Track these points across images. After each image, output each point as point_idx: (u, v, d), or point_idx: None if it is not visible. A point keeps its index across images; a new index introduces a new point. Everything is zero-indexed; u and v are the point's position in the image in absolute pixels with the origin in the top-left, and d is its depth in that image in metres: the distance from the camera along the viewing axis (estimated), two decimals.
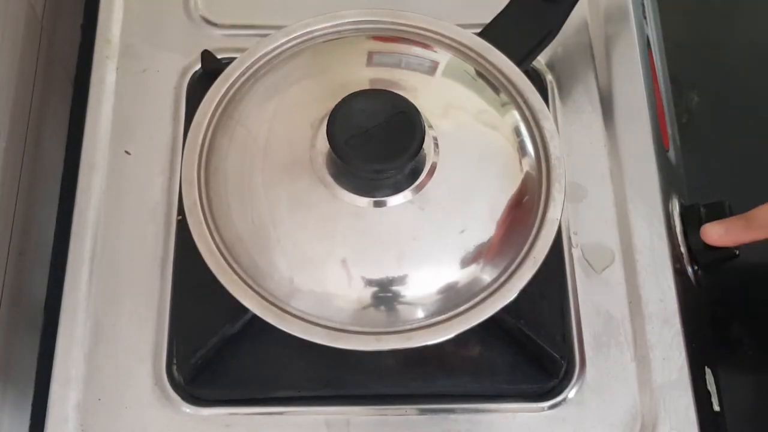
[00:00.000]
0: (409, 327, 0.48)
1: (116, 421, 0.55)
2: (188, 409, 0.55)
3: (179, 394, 0.55)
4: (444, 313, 0.49)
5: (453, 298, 0.49)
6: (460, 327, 0.48)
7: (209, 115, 0.53)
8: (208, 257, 0.49)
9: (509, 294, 0.49)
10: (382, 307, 0.49)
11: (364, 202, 0.49)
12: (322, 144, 0.48)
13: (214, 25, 0.67)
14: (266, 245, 0.50)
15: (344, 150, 0.46)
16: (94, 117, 0.63)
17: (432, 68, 0.55)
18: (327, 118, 0.48)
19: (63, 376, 0.56)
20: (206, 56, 0.63)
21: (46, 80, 0.69)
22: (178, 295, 0.58)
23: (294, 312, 0.48)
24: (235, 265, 0.49)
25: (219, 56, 0.64)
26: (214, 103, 0.53)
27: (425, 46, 0.55)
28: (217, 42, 0.66)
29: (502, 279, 0.49)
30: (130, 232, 0.60)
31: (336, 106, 0.48)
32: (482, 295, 0.49)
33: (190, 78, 0.65)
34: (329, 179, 0.49)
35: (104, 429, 0.55)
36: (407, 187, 0.49)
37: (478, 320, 0.48)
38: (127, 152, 0.62)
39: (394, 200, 0.49)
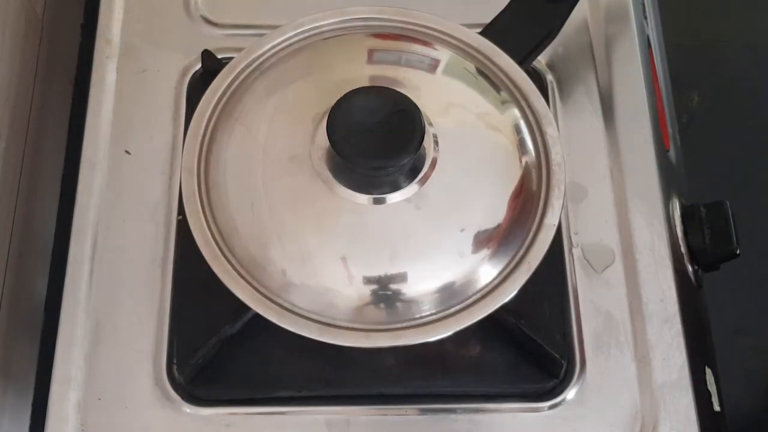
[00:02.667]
0: (400, 325, 0.48)
1: (116, 421, 0.55)
2: (188, 409, 0.55)
3: (179, 394, 0.55)
4: (437, 313, 0.49)
5: (447, 298, 0.49)
6: (451, 328, 0.48)
7: (212, 105, 0.53)
8: (203, 247, 0.49)
9: (501, 297, 0.49)
10: (376, 304, 0.49)
11: (363, 198, 0.49)
12: (322, 140, 0.48)
13: (214, 25, 0.67)
14: (263, 238, 0.50)
15: (344, 146, 0.46)
16: (94, 117, 0.63)
17: (433, 66, 0.55)
18: (327, 114, 0.48)
19: (63, 376, 0.56)
20: (206, 56, 0.63)
21: (46, 80, 0.69)
22: (178, 295, 0.58)
23: (286, 305, 0.48)
24: (230, 256, 0.49)
25: (219, 56, 0.64)
26: (218, 94, 0.54)
27: (426, 43, 0.55)
28: (217, 42, 0.66)
29: (496, 281, 0.49)
30: (130, 231, 0.60)
31: (336, 102, 0.48)
32: (475, 297, 0.49)
33: (190, 78, 0.64)
34: (328, 175, 0.49)
35: (104, 429, 0.55)
36: (406, 185, 0.49)
37: (469, 322, 0.48)
38: (127, 152, 0.62)
39: (393, 198, 0.49)
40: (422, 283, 0.49)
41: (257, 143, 0.52)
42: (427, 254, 0.49)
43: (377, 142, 0.46)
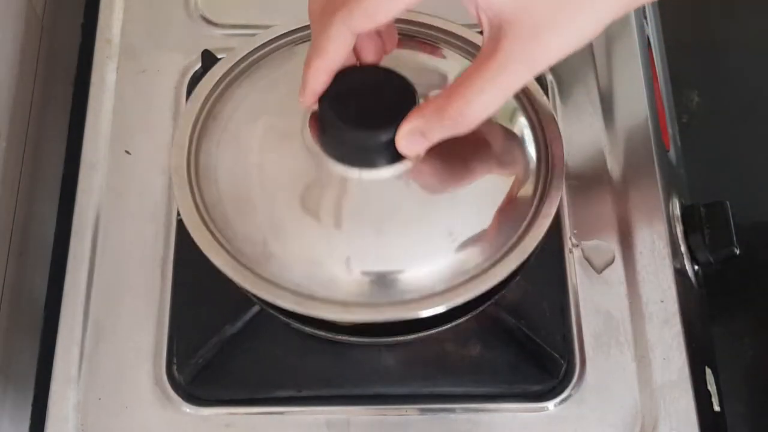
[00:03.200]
0: (380, 301, 0.47)
1: (116, 421, 0.55)
2: (188, 409, 0.55)
3: (179, 394, 0.55)
4: (424, 292, 0.47)
5: (435, 278, 0.47)
6: (435, 305, 0.46)
7: (210, 89, 0.53)
8: (186, 216, 0.48)
9: (489, 281, 0.47)
10: (360, 281, 0.47)
11: (354, 172, 0.48)
12: (315, 113, 0.48)
13: (214, 24, 0.67)
14: (248, 209, 0.48)
15: (335, 118, 0.46)
16: (94, 117, 0.63)
17: (431, 64, 0.54)
18: None
19: (63, 376, 0.56)
20: (206, 56, 0.63)
21: (46, 80, 0.69)
22: (178, 295, 0.58)
23: (265, 275, 0.47)
24: (211, 226, 0.48)
25: (219, 56, 0.64)
26: (217, 78, 0.53)
27: (427, 43, 0.55)
28: (217, 42, 0.66)
29: (487, 265, 0.48)
30: (130, 232, 0.60)
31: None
32: (461, 279, 0.48)
33: (190, 78, 0.65)
34: (318, 149, 0.48)
35: (104, 429, 0.55)
36: (398, 161, 0.48)
37: (452, 303, 0.46)
38: (127, 152, 0.62)
39: (384, 173, 0.48)
40: (408, 261, 0.47)
41: (251, 118, 0.51)
42: (416, 232, 0.48)
43: (370, 115, 0.46)
